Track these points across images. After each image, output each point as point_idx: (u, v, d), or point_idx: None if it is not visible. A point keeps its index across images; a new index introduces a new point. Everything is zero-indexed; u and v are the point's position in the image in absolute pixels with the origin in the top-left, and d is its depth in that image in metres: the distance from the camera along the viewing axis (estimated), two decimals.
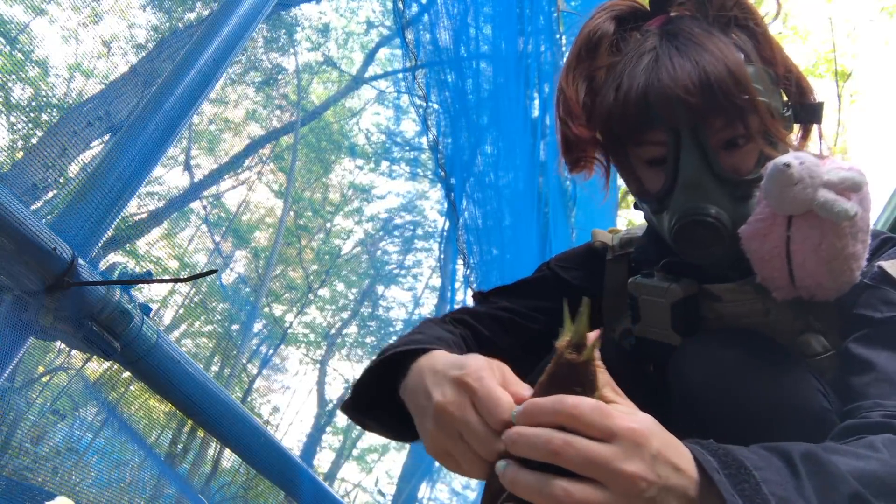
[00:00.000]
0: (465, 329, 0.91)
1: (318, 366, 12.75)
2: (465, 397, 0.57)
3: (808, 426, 0.66)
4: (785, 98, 0.84)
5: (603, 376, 0.54)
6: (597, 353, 0.52)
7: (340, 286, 12.69)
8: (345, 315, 12.93)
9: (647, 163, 0.81)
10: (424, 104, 3.37)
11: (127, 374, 1.65)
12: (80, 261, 1.18)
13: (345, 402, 0.80)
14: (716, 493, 0.50)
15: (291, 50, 8.65)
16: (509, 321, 0.94)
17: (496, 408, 0.54)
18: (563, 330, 0.53)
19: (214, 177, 8.53)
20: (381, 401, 0.75)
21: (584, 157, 0.89)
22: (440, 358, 0.65)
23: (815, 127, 0.86)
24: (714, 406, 0.69)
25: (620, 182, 1.14)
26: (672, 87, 0.73)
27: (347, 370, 13.62)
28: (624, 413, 0.51)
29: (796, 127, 0.87)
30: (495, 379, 0.57)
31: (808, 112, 0.84)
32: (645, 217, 0.89)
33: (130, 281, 1.30)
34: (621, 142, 0.82)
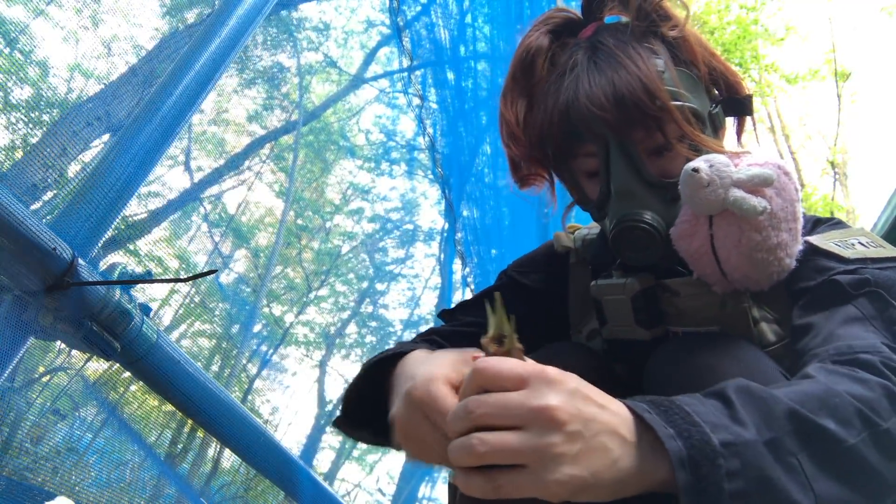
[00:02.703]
0: (436, 347, 0.93)
1: (317, 366, 12.76)
2: (415, 410, 0.59)
3: None
4: (716, 93, 0.87)
5: (534, 362, 0.56)
6: (517, 343, 0.55)
7: (340, 286, 12.70)
8: (344, 315, 12.94)
9: (586, 174, 0.85)
10: (421, 104, 3.37)
11: (127, 374, 1.65)
12: (80, 261, 1.18)
13: (336, 419, 0.83)
14: (648, 431, 0.51)
15: (291, 50, 8.65)
16: (475, 336, 0.96)
17: (442, 417, 0.55)
18: (487, 326, 0.56)
19: (214, 177, 8.53)
20: (371, 411, 0.77)
21: (531, 175, 0.94)
22: (410, 362, 0.68)
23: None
24: None
25: None
26: (588, 105, 0.77)
27: (347, 370, 13.62)
28: (539, 364, 0.52)
29: (730, 121, 0.90)
30: (444, 385, 0.58)
31: (737, 105, 0.88)
32: (594, 219, 0.92)
33: (130, 281, 1.30)
34: (557, 157, 0.86)
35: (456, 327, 0.98)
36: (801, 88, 10.17)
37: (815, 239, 0.80)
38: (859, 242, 0.80)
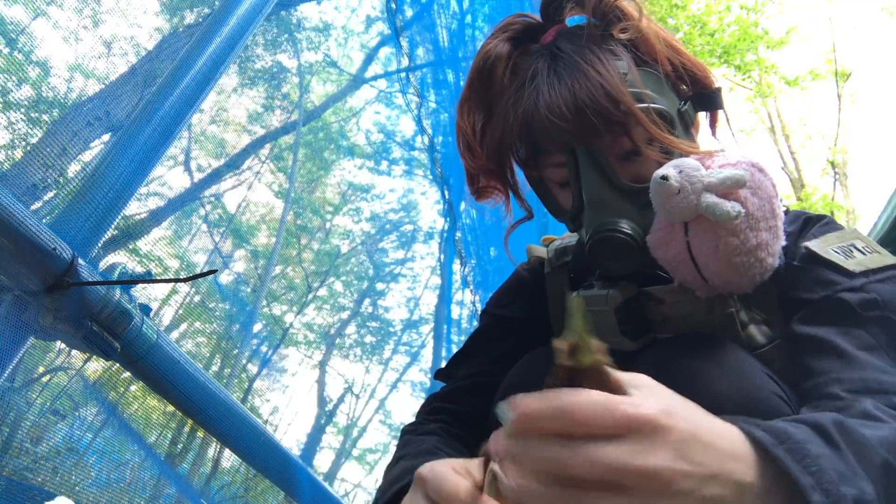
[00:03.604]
0: (443, 415, 0.92)
1: (317, 366, 12.76)
2: (421, 494, 0.57)
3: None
4: (685, 88, 0.85)
5: (620, 377, 0.46)
6: (602, 357, 0.44)
7: (340, 286, 12.70)
8: (344, 315, 12.95)
9: (557, 184, 0.83)
10: (420, 104, 3.37)
11: (127, 374, 1.65)
12: (80, 261, 1.18)
13: None
14: (777, 471, 0.47)
15: (291, 50, 8.66)
16: (476, 386, 0.95)
17: (446, 497, 0.53)
18: (564, 332, 0.45)
19: (214, 177, 8.53)
20: None
21: (487, 187, 0.91)
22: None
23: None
24: None
25: None
26: (548, 115, 0.74)
27: (347, 370, 13.63)
28: (636, 401, 0.44)
29: (702, 115, 0.88)
30: (448, 467, 0.57)
31: (706, 100, 0.86)
32: (569, 229, 0.90)
33: (130, 281, 1.30)
34: (527, 168, 0.84)
35: (455, 384, 0.96)
36: (801, 90, 10.16)
37: (814, 245, 0.78)
38: (856, 248, 0.78)
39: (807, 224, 0.84)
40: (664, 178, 0.71)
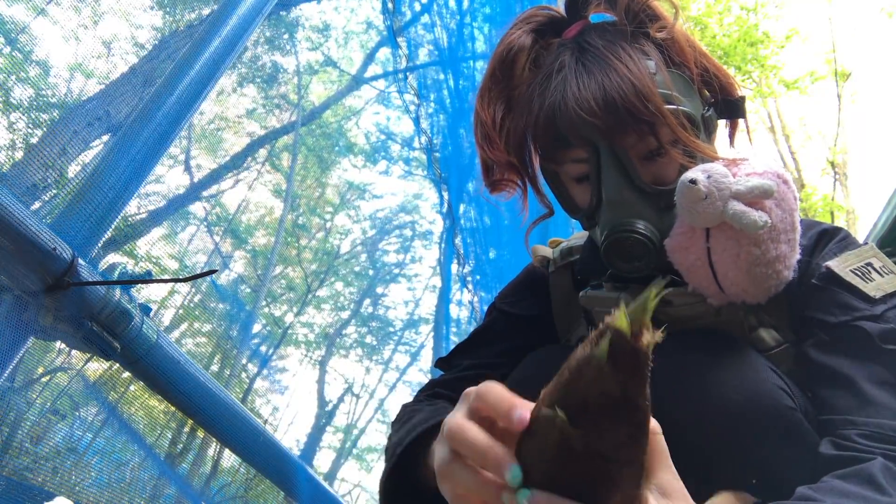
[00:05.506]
0: (443, 400, 0.90)
1: (317, 366, 12.76)
2: (447, 449, 0.52)
3: (772, 427, 0.66)
4: (708, 94, 0.84)
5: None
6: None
7: (340, 286, 12.71)
8: (344, 315, 12.95)
9: (575, 180, 0.81)
10: (418, 104, 3.37)
11: (127, 374, 1.65)
12: (80, 261, 1.18)
13: None
14: None
15: (291, 50, 8.66)
16: (479, 377, 0.93)
17: (472, 451, 0.47)
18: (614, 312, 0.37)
19: (214, 177, 8.53)
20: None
21: (504, 180, 0.90)
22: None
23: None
24: (680, 412, 0.68)
25: None
26: (577, 109, 0.73)
27: (347, 370, 13.63)
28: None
29: (722, 123, 0.87)
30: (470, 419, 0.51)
31: (730, 108, 0.85)
32: (584, 227, 0.90)
33: (130, 281, 1.30)
34: (545, 162, 0.83)
35: (457, 374, 0.94)
36: (800, 93, 10.15)
37: (834, 265, 0.76)
38: (874, 268, 0.76)
39: (822, 238, 0.82)
40: (693, 181, 0.70)
